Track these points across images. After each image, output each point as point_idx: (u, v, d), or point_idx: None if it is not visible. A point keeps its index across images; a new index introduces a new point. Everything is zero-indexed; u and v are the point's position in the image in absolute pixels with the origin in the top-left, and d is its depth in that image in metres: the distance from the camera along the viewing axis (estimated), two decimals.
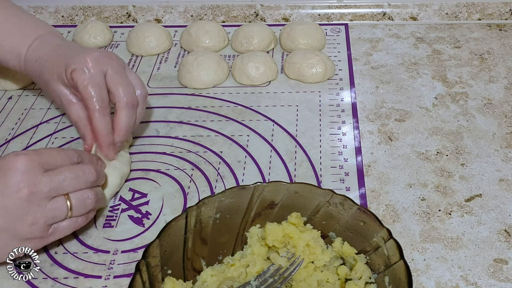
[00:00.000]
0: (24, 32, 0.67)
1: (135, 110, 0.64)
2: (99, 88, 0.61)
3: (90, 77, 0.61)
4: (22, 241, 0.52)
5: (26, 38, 0.67)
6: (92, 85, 0.60)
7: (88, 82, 0.60)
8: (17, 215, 0.50)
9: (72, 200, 0.53)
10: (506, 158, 0.68)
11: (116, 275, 0.56)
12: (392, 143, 0.71)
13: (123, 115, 0.63)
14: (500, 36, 0.92)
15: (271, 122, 0.74)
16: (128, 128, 0.64)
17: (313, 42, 0.87)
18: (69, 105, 0.64)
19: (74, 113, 0.64)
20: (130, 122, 0.64)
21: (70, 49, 0.65)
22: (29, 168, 0.51)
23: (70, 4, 0.98)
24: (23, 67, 0.67)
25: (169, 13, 0.99)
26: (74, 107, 0.64)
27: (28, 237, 0.52)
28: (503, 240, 0.58)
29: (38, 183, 0.51)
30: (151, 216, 0.62)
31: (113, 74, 0.62)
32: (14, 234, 0.51)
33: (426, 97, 0.79)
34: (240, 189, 0.54)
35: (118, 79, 0.63)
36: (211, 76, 0.81)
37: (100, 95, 0.61)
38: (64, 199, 0.53)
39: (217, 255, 0.54)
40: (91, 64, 0.61)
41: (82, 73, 0.60)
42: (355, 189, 0.64)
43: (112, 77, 0.62)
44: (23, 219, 0.51)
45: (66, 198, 0.53)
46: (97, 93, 0.61)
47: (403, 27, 0.95)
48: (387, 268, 0.49)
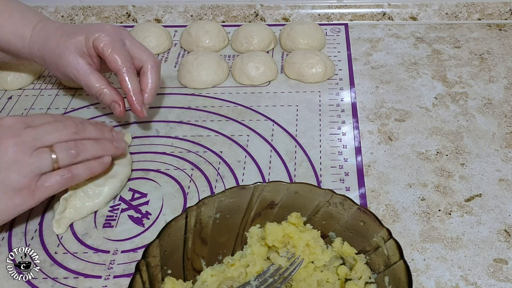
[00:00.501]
0: (25, 15, 0.69)
1: (159, 71, 0.69)
2: (124, 52, 0.66)
3: (114, 43, 0.65)
4: (12, 192, 0.53)
5: (28, 19, 0.68)
6: (117, 50, 0.65)
7: (113, 47, 0.65)
8: (3, 164, 0.53)
9: (56, 150, 0.55)
10: (506, 158, 0.68)
11: (116, 275, 0.56)
12: (392, 143, 0.71)
13: (153, 75, 0.68)
14: (500, 36, 0.92)
15: (271, 122, 0.75)
16: (157, 87, 0.69)
17: (313, 42, 0.87)
18: (88, 74, 0.66)
19: (96, 82, 0.66)
20: (158, 82, 0.69)
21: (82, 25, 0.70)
22: (14, 123, 0.55)
23: (70, 4, 0.99)
24: (28, 46, 0.68)
25: (169, 13, 0.99)
26: (93, 75, 0.66)
27: (17, 186, 0.53)
28: (503, 240, 0.58)
29: (21, 134, 0.54)
30: (151, 216, 0.62)
31: (132, 41, 0.68)
32: (2, 184, 0.53)
33: (426, 97, 0.79)
34: (240, 189, 0.54)
35: (138, 45, 0.69)
36: (211, 76, 0.81)
37: (126, 57, 0.66)
38: (48, 149, 0.55)
39: (217, 255, 0.54)
40: (112, 32, 0.66)
41: (105, 40, 0.65)
42: (355, 189, 0.64)
43: (132, 44, 0.68)
44: (10, 168, 0.53)
45: (50, 149, 0.55)
46: (123, 56, 0.65)
47: (403, 27, 0.95)
48: (387, 268, 0.49)
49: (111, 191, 0.63)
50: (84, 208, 0.61)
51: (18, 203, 0.54)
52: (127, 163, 0.66)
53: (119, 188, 0.64)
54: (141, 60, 0.68)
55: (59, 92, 0.81)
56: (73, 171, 0.57)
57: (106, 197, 0.62)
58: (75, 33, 0.66)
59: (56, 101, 0.79)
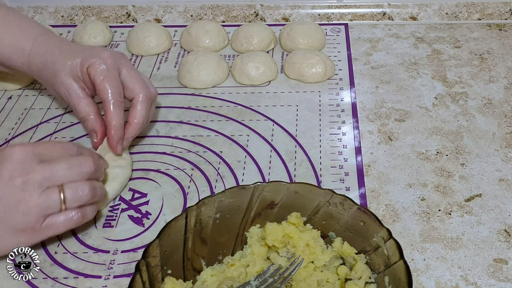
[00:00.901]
0: (24, 28, 0.68)
1: (150, 105, 0.67)
2: (116, 82, 0.64)
3: (108, 72, 0.63)
4: (17, 232, 0.51)
5: (28, 33, 0.68)
6: (109, 79, 0.63)
7: (105, 77, 0.63)
8: (10, 203, 0.50)
9: (66, 191, 0.52)
10: (506, 158, 0.68)
11: (116, 275, 0.56)
12: (392, 143, 0.71)
13: (141, 109, 0.65)
14: (500, 36, 0.92)
15: (271, 122, 0.75)
16: (144, 122, 0.66)
17: (313, 42, 0.87)
18: (78, 98, 0.65)
19: (84, 107, 0.65)
20: (146, 116, 0.66)
21: (82, 47, 0.68)
22: (24, 157, 0.51)
23: (70, 4, 0.98)
24: (27, 61, 0.67)
25: (169, 13, 0.99)
26: (83, 101, 0.65)
27: (21, 227, 0.51)
28: (503, 240, 0.58)
29: (31, 172, 0.50)
30: (151, 216, 0.62)
31: (128, 70, 0.66)
32: (7, 224, 0.51)
33: (426, 97, 0.79)
34: (240, 189, 0.54)
35: (134, 75, 0.66)
36: (211, 76, 0.81)
37: (117, 89, 0.63)
38: (57, 190, 0.52)
39: (217, 255, 0.54)
40: (108, 60, 0.64)
41: (100, 67, 0.63)
42: (355, 189, 0.64)
43: (128, 73, 0.65)
44: (16, 208, 0.50)
45: (60, 189, 0.52)
46: (114, 87, 0.63)
47: (403, 27, 0.95)
48: (387, 268, 0.49)
49: (111, 193, 0.63)
50: None
51: (21, 242, 0.52)
52: (128, 165, 0.66)
53: (119, 190, 0.64)
54: (133, 92, 0.65)
55: None
56: (83, 212, 0.54)
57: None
58: (72, 55, 0.64)
59: (56, 101, 0.79)
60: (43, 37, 0.67)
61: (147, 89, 0.66)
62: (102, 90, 0.63)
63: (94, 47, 0.68)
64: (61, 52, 0.65)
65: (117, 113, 0.63)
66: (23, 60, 0.67)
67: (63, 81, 0.64)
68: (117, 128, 0.63)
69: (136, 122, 0.65)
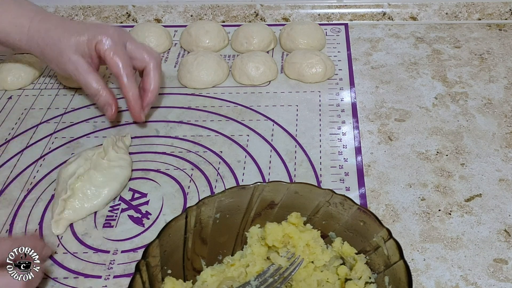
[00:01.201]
0: (22, 6, 0.69)
1: (161, 69, 0.72)
2: (125, 56, 0.67)
3: (116, 47, 0.66)
4: None
5: (26, 10, 0.69)
6: (119, 54, 0.66)
7: (115, 52, 0.66)
8: None
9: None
10: (506, 158, 0.68)
11: (116, 275, 0.56)
12: (392, 143, 0.71)
13: (155, 75, 0.70)
14: (500, 36, 0.92)
15: (271, 122, 0.74)
16: (159, 87, 0.71)
17: (313, 42, 0.87)
18: (88, 74, 0.67)
19: (95, 82, 0.67)
20: (160, 81, 0.71)
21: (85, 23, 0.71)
22: None
23: (70, 4, 0.98)
24: (26, 37, 0.68)
25: (169, 13, 0.99)
26: (93, 76, 0.67)
27: None
28: (503, 240, 0.58)
29: None
30: (151, 216, 0.62)
31: (133, 43, 0.70)
32: None
33: (426, 97, 0.79)
34: (240, 189, 0.54)
35: (140, 46, 0.70)
36: (211, 76, 0.81)
37: (127, 62, 0.67)
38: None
39: (217, 255, 0.54)
40: (115, 36, 0.67)
41: (108, 43, 0.66)
42: (355, 189, 0.64)
43: (134, 45, 0.69)
44: None
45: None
46: (124, 61, 0.67)
47: (403, 27, 0.95)
48: (387, 268, 0.49)
49: (111, 193, 0.63)
50: (83, 209, 0.61)
51: None
52: (127, 165, 0.66)
53: (119, 190, 0.64)
54: (144, 61, 0.70)
55: (59, 92, 0.81)
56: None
57: (105, 198, 0.62)
58: (78, 33, 0.67)
59: (56, 101, 0.79)
60: (42, 15, 0.69)
61: (155, 57, 0.70)
62: (114, 64, 0.66)
63: (98, 24, 0.71)
64: (65, 30, 0.67)
65: (132, 84, 0.67)
66: (21, 36, 0.68)
67: (71, 58, 0.67)
68: (135, 98, 0.68)
69: (153, 88, 0.70)
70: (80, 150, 0.70)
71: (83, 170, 0.62)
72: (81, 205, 0.61)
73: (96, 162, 0.63)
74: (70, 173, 0.63)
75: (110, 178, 0.63)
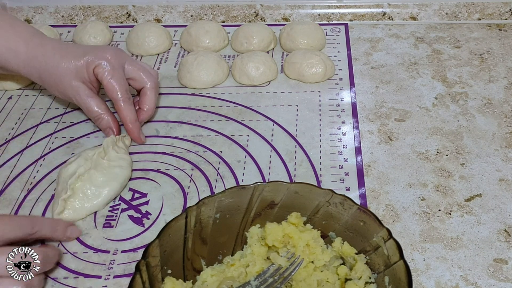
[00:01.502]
0: (16, 29, 0.69)
1: (158, 91, 0.74)
2: (123, 81, 0.69)
3: (114, 71, 0.68)
4: None
5: (21, 34, 0.68)
6: (116, 78, 0.68)
7: (112, 76, 0.67)
8: None
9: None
10: (506, 158, 0.68)
11: (116, 275, 0.56)
12: (392, 143, 0.71)
13: (151, 95, 0.72)
14: (500, 36, 0.92)
15: (271, 122, 0.75)
16: (154, 107, 0.73)
17: (313, 42, 0.87)
18: (89, 99, 0.69)
19: (95, 106, 0.69)
20: (155, 101, 0.73)
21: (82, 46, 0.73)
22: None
23: (70, 4, 0.98)
24: (23, 63, 0.68)
25: (169, 13, 0.99)
26: (94, 101, 0.69)
27: None
28: (503, 240, 0.58)
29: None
30: (151, 216, 0.62)
31: (131, 64, 0.70)
32: None
33: (426, 97, 0.79)
34: (240, 189, 0.54)
35: (138, 67, 0.71)
36: (211, 76, 0.81)
37: (124, 87, 0.69)
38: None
39: (217, 255, 0.54)
40: (113, 60, 0.68)
41: (106, 68, 0.67)
42: (355, 189, 0.64)
43: (132, 66, 0.70)
44: None
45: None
46: (121, 85, 0.68)
47: (403, 27, 0.95)
48: (387, 268, 0.49)
49: (111, 193, 0.63)
50: (83, 209, 0.61)
51: None
52: (127, 165, 0.66)
53: (119, 190, 0.64)
54: (142, 82, 0.71)
55: None
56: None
57: (105, 198, 0.62)
58: (76, 58, 0.67)
59: (56, 101, 0.79)
60: (38, 39, 0.69)
61: (153, 77, 0.72)
62: (111, 89, 0.68)
63: (95, 47, 0.71)
64: (63, 56, 0.68)
65: (129, 108, 0.69)
66: (18, 62, 0.68)
67: (71, 85, 0.68)
68: (133, 122, 0.69)
69: (148, 109, 0.72)
70: (80, 150, 0.70)
71: (83, 170, 0.62)
72: (81, 205, 0.61)
73: (96, 162, 0.63)
74: (70, 173, 0.63)
75: (110, 178, 0.63)
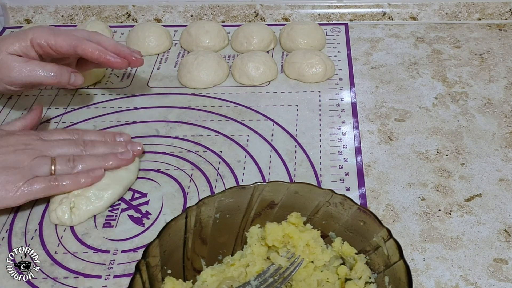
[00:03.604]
0: None
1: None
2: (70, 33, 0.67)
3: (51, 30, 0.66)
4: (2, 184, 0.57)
5: None
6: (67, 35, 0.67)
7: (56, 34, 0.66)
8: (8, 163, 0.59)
9: (56, 161, 0.61)
10: (506, 158, 0.68)
11: (116, 275, 0.56)
12: (392, 143, 0.71)
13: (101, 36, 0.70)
14: (500, 36, 0.92)
15: (271, 122, 0.75)
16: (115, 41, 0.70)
17: (313, 42, 0.87)
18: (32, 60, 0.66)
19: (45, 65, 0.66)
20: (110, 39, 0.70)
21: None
22: (29, 135, 0.63)
23: (70, 4, 0.98)
24: None
25: (169, 13, 0.99)
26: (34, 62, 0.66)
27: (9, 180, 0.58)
28: (503, 240, 0.58)
29: (31, 143, 0.61)
30: (151, 216, 0.62)
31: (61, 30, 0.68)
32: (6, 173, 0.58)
33: (426, 97, 0.79)
34: (240, 189, 0.54)
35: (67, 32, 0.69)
36: (211, 76, 0.81)
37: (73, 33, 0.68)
38: (49, 158, 0.61)
39: (217, 255, 0.54)
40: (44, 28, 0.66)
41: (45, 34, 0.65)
42: (355, 189, 0.64)
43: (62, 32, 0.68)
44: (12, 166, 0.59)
45: (51, 159, 0.61)
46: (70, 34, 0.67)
47: (403, 27, 0.95)
48: (387, 268, 0.49)
49: (113, 196, 0.62)
50: (86, 212, 0.61)
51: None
52: (134, 169, 0.66)
53: (122, 193, 0.64)
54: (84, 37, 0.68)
55: (59, 92, 0.81)
56: (60, 181, 0.60)
57: (107, 201, 0.62)
58: (8, 36, 0.66)
59: (56, 101, 0.79)
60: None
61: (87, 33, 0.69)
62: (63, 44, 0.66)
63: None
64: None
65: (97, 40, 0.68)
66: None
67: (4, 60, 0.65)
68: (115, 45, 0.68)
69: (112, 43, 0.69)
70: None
71: None
72: (82, 208, 0.61)
73: None
74: None
75: (115, 181, 0.63)
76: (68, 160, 0.61)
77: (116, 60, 0.67)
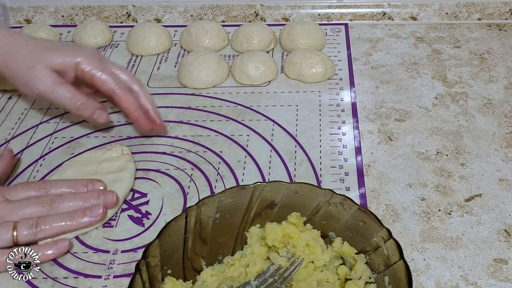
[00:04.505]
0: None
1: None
2: (112, 73, 0.66)
3: (101, 65, 0.65)
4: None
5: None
6: (107, 71, 0.65)
7: (102, 70, 0.65)
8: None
9: (18, 227, 0.55)
10: (506, 158, 0.68)
11: (116, 275, 0.56)
12: (392, 143, 0.71)
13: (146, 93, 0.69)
14: (500, 36, 0.92)
15: (271, 122, 0.75)
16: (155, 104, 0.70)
17: (313, 42, 0.87)
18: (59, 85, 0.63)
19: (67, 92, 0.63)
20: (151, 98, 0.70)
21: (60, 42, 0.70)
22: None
23: (70, 4, 0.98)
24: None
25: (169, 13, 0.99)
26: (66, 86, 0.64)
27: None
28: (503, 240, 0.58)
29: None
30: (151, 216, 0.62)
31: (111, 64, 0.68)
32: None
33: (426, 97, 0.79)
34: (240, 189, 0.54)
35: (117, 67, 0.68)
36: (211, 76, 0.81)
37: (117, 77, 0.66)
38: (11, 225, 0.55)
39: (217, 255, 0.54)
40: (95, 55, 0.66)
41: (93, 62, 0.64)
42: (355, 189, 0.64)
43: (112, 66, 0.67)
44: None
45: (13, 225, 0.55)
46: (114, 76, 0.65)
47: (403, 27, 0.95)
48: (387, 268, 0.49)
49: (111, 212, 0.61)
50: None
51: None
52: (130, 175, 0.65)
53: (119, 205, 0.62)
54: (127, 82, 0.67)
55: None
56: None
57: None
58: (55, 49, 0.64)
59: None
60: (4, 30, 0.66)
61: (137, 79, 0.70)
62: (104, 83, 0.64)
63: (72, 44, 0.69)
64: (37, 46, 0.64)
65: (128, 97, 0.66)
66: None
67: (41, 73, 0.63)
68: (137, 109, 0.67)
69: (152, 107, 0.69)
70: (80, 150, 0.70)
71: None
72: None
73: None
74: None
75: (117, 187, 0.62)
76: (32, 225, 0.55)
77: (143, 123, 0.68)
